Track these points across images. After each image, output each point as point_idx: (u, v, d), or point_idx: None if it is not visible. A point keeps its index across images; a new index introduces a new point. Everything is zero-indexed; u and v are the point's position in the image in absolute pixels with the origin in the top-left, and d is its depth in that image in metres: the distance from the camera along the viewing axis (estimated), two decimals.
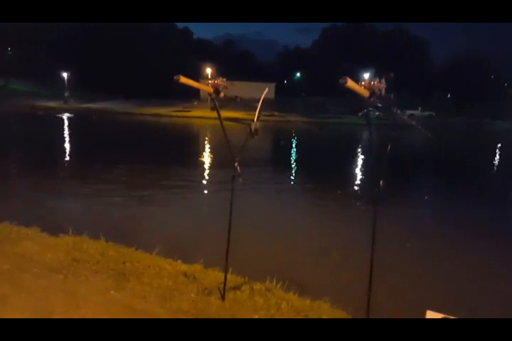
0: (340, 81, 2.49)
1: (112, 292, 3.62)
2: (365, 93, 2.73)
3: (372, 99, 2.80)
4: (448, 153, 21.92)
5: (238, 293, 3.78)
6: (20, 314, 3.07)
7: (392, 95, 2.82)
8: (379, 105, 2.85)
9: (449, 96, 63.56)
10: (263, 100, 3.66)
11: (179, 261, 4.53)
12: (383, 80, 2.77)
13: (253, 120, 3.54)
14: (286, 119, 46.29)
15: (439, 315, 3.26)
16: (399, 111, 3.15)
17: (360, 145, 25.35)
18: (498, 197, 11.67)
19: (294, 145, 24.73)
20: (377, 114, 3.30)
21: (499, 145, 28.82)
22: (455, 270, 5.93)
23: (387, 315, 3.42)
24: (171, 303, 3.47)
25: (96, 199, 9.26)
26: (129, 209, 8.70)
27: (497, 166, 19.17)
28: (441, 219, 8.98)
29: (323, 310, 3.56)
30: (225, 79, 3.41)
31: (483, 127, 42.31)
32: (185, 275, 4.13)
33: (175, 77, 3.12)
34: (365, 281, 2.95)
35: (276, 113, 40.88)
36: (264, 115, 3.55)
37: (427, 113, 50.44)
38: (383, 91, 2.78)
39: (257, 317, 3.31)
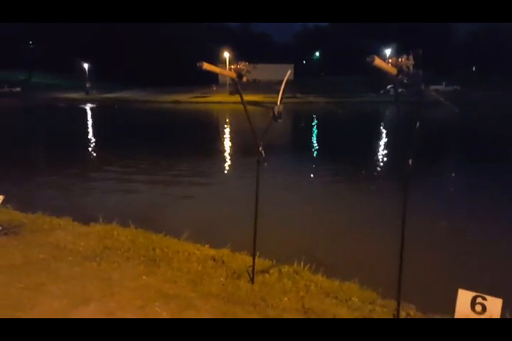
0: (368, 59, 2.40)
1: (144, 277, 3.70)
2: (393, 71, 2.64)
3: (400, 76, 2.71)
4: (476, 129, 21.28)
5: (267, 276, 3.81)
6: (59, 302, 3.18)
7: (420, 71, 2.72)
8: (406, 82, 2.77)
9: (474, 69, 61.33)
10: (286, 82, 3.60)
11: (207, 246, 4.58)
12: (411, 57, 2.68)
13: (276, 103, 3.49)
14: (307, 100, 45.77)
15: (471, 294, 3.21)
16: (425, 88, 3.05)
17: (383, 124, 24.89)
18: None
19: (317, 127, 24.47)
20: (400, 90, 3.21)
21: None
22: (487, 249, 5.82)
23: (417, 296, 3.41)
24: (201, 287, 3.52)
25: (125, 187, 9.46)
26: (161, 197, 8.84)
27: None
28: (469, 197, 8.79)
29: (353, 291, 3.55)
30: (247, 63, 3.37)
31: (510, 99, 40.73)
32: (214, 259, 4.19)
33: (198, 64, 3.08)
34: (396, 261, 2.92)
35: (298, 94, 40.33)
36: (286, 97, 3.50)
37: (451, 87, 48.87)
38: (411, 68, 2.69)
39: (286, 299, 3.33)
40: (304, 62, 71.86)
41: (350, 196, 8.84)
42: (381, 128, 22.74)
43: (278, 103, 3.47)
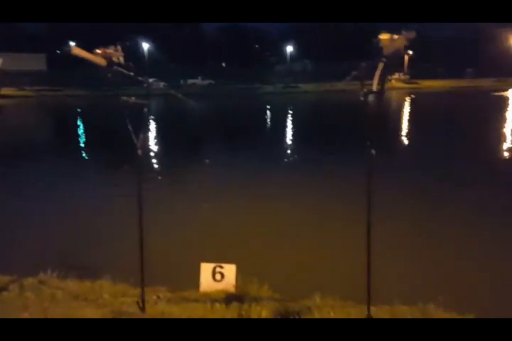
0: (66, 49, 2.31)
1: None
2: (102, 61, 2.63)
3: (114, 67, 2.72)
4: (225, 118, 23.80)
5: (5, 293, 3.35)
6: None
7: (130, 63, 2.79)
8: (126, 72, 2.80)
9: (223, 64, 68.01)
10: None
11: None
12: (119, 48, 2.72)
13: None
14: (63, 94, 42.30)
15: (211, 265, 3.60)
16: (148, 80, 3.19)
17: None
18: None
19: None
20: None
21: (268, 106, 32.73)
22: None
23: (167, 277, 3.61)
24: None
25: None
26: None
27: (270, 125, 21.93)
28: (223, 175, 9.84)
29: (104, 288, 3.48)
30: None
31: (254, 91, 47.09)
32: None
33: None
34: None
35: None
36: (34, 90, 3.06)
37: (206, 81, 52.88)
38: (122, 59, 2.73)
39: (26, 315, 3.00)
40: (59, 51, 65.12)
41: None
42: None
43: None
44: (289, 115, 26.01)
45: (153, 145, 14.56)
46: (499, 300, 4.01)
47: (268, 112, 29.18)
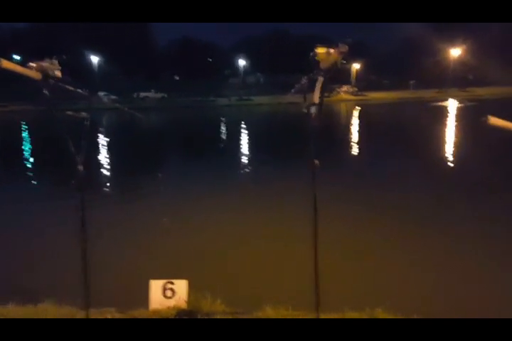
0: None
1: None
2: (36, 75, 2.54)
3: (50, 81, 2.63)
4: (178, 131, 23.63)
5: None
6: None
7: (68, 77, 2.72)
8: (63, 86, 2.72)
9: (177, 78, 67.67)
10: None
11: None
12: (55, 61, 2.64)
13: None
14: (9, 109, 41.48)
15: (161, 282, 3.50)
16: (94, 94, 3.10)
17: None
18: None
19: None
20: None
21: (223, 118, 32.82)
22: None
23: (111, 298, 3.48)
24: None
25: None
26: None
27: (226, 137, 21.99)
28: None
29: (49, 311, 3.29)
30: None
31: (208, 104, 47.08)
32: None
33: None
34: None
35: None
36: None
37: (159, 95, 52.37)
38: (59, 73, 2.65)
39: None
40: None
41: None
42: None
43: None
44: (242, 128, 26.19)
45: (103, 161, 14.15)
46: None
47: (223, 124, 29.27)
